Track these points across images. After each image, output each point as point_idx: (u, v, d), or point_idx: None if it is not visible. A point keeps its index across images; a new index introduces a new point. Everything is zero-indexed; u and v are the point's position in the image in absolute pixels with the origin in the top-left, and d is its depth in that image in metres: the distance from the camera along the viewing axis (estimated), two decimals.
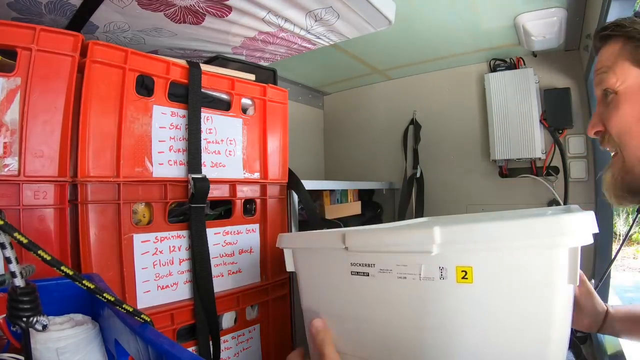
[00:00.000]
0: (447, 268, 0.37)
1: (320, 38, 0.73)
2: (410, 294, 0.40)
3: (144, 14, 0.59)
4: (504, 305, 0.36)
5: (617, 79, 0.48)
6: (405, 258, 0.40)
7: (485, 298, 0.36)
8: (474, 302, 0.36)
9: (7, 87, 0.46)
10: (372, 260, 0.42)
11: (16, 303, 0.30)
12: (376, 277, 0.42)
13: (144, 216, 0.59)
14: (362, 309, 0.44)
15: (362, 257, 0.43)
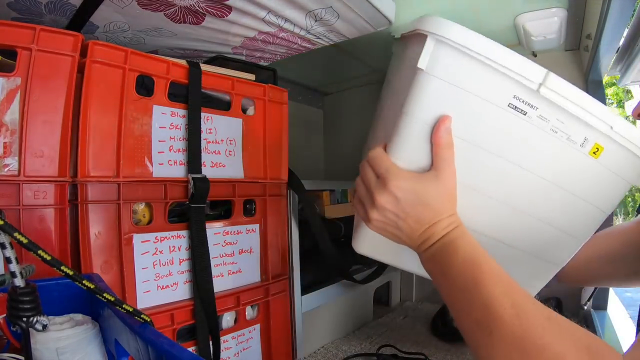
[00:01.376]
0: (590, 140, 0.47)
1: (320, 38, 0.73)
2: (549, 147, 0.46)
3: (144, 14, 0.59)
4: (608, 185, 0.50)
5: None
6: (570, 120, 0.46)
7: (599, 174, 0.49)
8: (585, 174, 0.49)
9: (7, 87, 0.46)
10: (538, 104, 0.44)
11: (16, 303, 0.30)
12: (531, 119, 0.45)
13: (144, 216, 0.59)
14: (499, 145, 0.46)
15: (533, 98, 0.44)
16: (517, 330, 0.35)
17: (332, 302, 0.97)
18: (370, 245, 0.57)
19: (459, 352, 0.88)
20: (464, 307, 0.40)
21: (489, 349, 0.36)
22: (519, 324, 0.35)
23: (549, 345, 0.34)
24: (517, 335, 0.35)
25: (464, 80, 0.43)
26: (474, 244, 0.43)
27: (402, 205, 0.44)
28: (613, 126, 0.46)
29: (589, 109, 0.45)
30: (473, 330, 0.38)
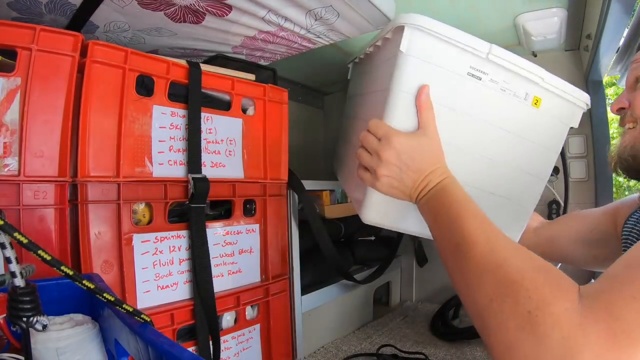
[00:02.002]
0: (530, 94, 0.60)
1: (320, 37, 0.73)
2: (502, 103, 0.59)
3: (144, 13, 0.59)
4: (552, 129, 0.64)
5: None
6: (512, 79, 0.59)
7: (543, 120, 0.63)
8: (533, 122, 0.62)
9: (7, 87, 0.46)
10: (488, 70, 0.57)
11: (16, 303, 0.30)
12: (485, 83, 0.57)
13: (144, 216, 0.59)
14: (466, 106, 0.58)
15: (484, 65, 0.57)
16: (487, 254, 0.42)
17: (332, 302, 0.97)
18: (377, 213, 0.62)
19: (459, 352, 0.88)
20: (447, 237, 0.48)
21: (464, 270, 0.44)
22: (490, 249, 0.42)
23: (512, 264, 0.40)
24: (487, 259, 0.42)
25: (433, 56, 0.55)
26: (462, 190, 0.52)
27: (403, 158, 0.53)
28: (544, 78, 0.60)
29: (525, 68, 0.58)
30: (453, 255, 0.46)
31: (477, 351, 0.88)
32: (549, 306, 0.37)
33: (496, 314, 0.39)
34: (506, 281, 0.40)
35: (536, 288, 0.38)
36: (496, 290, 0.40)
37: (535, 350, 0.35)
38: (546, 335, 0.35)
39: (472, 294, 0.43)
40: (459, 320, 1.09)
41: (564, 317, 0.36)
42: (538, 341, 0.35)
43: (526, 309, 0.37)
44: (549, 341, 0.35)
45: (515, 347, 0.37)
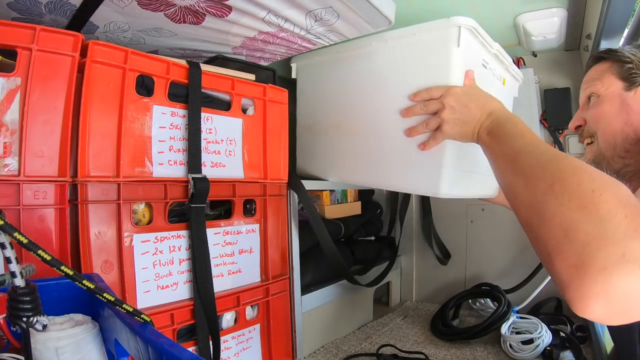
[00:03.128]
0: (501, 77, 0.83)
1: (320, 38, 0.73)
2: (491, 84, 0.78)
3: (144, 14, 0.59)
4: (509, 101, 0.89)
5: (602, 86, 0.64)
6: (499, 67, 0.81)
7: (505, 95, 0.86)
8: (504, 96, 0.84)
9: (7, 87, 0.46)
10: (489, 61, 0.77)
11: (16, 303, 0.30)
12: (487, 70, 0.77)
13: (144, 216, 0.59)
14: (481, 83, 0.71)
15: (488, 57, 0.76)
16: (549, 151, 0.45)
17: (332, 302, 0.97)
18: (451, 185, 0.71)
19: (459, 352, 0.88)
20: (508, 150, 0.51)
21: (525, 167, 0.45)
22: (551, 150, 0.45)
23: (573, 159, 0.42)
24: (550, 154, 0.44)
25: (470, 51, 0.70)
26: (516, 117, 0.58)
27: (463, 100, 0.64)
28: (510, 63, 0.82)
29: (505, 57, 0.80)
30: (513, 160, 0.48)
31: (477, 351, 0.88)
32: (612, 188, 0.36)
33: (556, 196, 0.38)
34: (569, 166, 0.40)
35: (599, 174, 0.38)
36: (558, 175, 0.39)
37: (598, 227, 0.34)
38: (610, 213, 0.34)
39: (531, 187, 0.42)
40: (459, 320, 1.09)
41: (627, 199, 0.35)
42: (601, 219, 0.34)
43: (590, 188, 0.36)
44: (613, 220, 0.33)
45: (576, 227, 0.35)
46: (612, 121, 0.62)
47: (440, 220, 1.28)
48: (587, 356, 0.80)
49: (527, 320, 0.92)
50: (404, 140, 0.73)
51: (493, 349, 0.89)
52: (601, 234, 0.33)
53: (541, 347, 0.82)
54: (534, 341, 0.83)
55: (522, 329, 0.90)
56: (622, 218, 0.33)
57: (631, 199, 0.35)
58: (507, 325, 0.90)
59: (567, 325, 0.95)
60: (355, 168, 0.84)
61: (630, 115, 0.61)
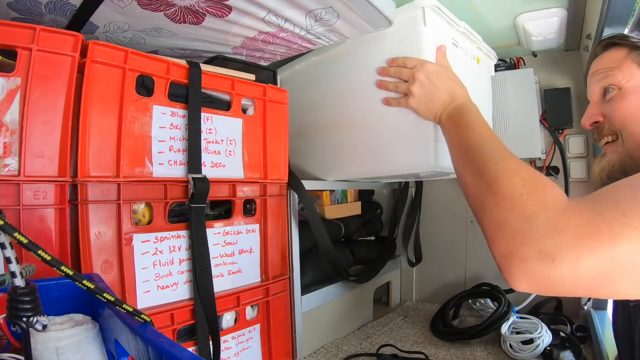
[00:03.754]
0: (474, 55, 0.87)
1: (320, 38, 0.73)
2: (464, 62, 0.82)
3: (144, 14, 0.59)
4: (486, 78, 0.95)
5: (623, 77, 0.56)
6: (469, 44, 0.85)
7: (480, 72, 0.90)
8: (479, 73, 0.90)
9: (7, 87, 0.46)
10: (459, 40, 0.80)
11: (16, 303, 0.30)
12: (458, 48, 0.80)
13: (144, 216, 0.59)
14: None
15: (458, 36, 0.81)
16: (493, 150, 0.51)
17: (332, 302, 0.97)
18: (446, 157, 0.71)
19: (459, 352, 0.88)
20: (462, 141, 0.56)
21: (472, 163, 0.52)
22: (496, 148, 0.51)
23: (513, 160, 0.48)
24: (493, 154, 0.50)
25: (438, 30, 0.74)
26: (478, 112, 0.61)
27: (434, 78, 0.66)
28: (480, 44, 0.85)
29: (474, 35, 0.83)
30: (464, 153, 0.54)
31: (477, 351, 0.88)
32: (539, 193, 0.42)
33: (493, 194, 0.45)
34: (506, 170, 0.46)
35: (531, 179, 0.44)
36: (496, 176, 0.46)
37: (522, 227, 0.40)
38: (534, 214, 0.40)
39: (475, 182, 0.50)
40: (459, 320, 1.09)
41: (552, 203, 0.40)
42: (526, 220, 0.40)
43: (518, 192, 0.43)
44: (536, 220, 0.39)
45: (505, 224, 0.42)
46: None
47: (440, 220, 1.28)
48: (587, 356, 0.80)
49: (527, 320, 0.92)
50: (396, 122, 0.76)
51: (493, 349, 0.89)
52: (524, 231, 0.40)
53: (541, 347, 0.82)
54: (534, 341, 0.83)
55: (522, 329, 0.90)
56: (543, 219, 0.39)
57: (557, 203, 0.40)
58: (507, 325, 0.90)
59: (567, 325, 0.95)
60: (355, 162, 0.85)
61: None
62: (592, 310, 0.98)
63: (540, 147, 1.12)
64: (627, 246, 0.35)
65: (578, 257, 0.36)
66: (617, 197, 0.38)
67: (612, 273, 0.36)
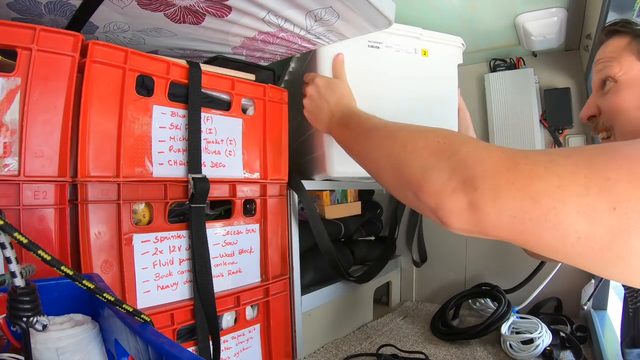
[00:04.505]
0: (418, 48, 0.82)
1: (320, 38, 0.73)
2: (399, 60, 0.80)
3: (144, 14, 0.59)
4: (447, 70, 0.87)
5: (620, 69, 0.54)
6: (402, 40, 0.80)
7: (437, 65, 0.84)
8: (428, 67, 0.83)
9: (7, 87, 0.46)
10: (382, 40, 0.78)
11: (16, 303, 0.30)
12: (381, 49, 0.78)
13: (144, 216, 0.59)
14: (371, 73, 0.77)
15: (377, 37, 0.77)
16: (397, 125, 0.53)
17: (332, 302, 0.97)
18: (340, 164, 0.76)
19: (459, 352, 0.88)
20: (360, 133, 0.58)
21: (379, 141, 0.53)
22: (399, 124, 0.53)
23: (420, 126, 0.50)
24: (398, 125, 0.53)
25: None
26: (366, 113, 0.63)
27: (322, 91, 0.69)
28: (421, 35, 0.81)
29: (405, 31, 0.80)
30: (364, 140, 0.56)
31: (477, 351, 0.88)
32: (454, 137, 0.45)
33: (411, 152, 0.47)
34: (415, 130, 0.49)
35: (442, 131, 0.47)
36: (408, 137, 0.48)
37: (444, 165, 0.42)
38: (455, 152, 0.42)
39: (388, 150, 0.51)
40: (459, 320, 1.09)
41: (471, 141, 0.42)
42: (448, 158, 0.42)
43: (435, 140, 0.45)
44: (457, 156, 0.41)
45: (428, 168, 0.43)
46: (633, 114, 0.53)
47: None
48: (587, 356, 0.80)
49: (527, 320, 0.92)
50: None
51: (493, 349, 0.89)
52: (449, 167, 0.41)
53: (541, 347, 0.82)
54: (534, 341, 0.83)
55: (522, 329, 0.90)
56: (464, 153, 0.41)
57: (476, 142, 0.42)
58: (507, 325, 0.90)
59: (567, 325, 0.95)
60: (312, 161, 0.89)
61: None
62: (592, 310, 0.98)
63: (541, 147, 1.12)
64: (548, 189, 0.34)
65: (497, 187, 0.36)
66: (551, 152, 0.37)
67: (533, 216, 0.34)
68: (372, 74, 0.77)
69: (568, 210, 0.33)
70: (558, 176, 0.34)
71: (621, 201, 0.31)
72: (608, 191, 0.32)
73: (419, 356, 0.85)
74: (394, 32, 0.78)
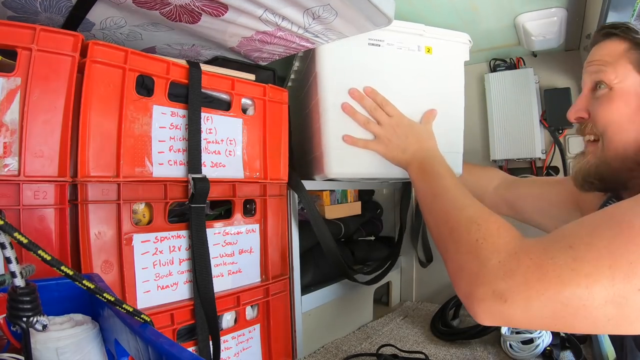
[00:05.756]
0: (421, 45, 0.80)
1: (318, 37, 0.73)
2: (401, 58, 0.79)
3: (140, 11, 0.59)
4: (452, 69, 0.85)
5: (616, 76, 0.52)
6: (402, 38, 0.79)
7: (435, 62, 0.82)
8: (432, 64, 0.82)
9: (7, 87, 0.46)
10: (382, 38, 0.77)
11: (16, 303, 0.30)
12: (382, 47, 0.77)
13: (144, 216, 0.59)
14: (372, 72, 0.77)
15: (378, 35, 0.76)
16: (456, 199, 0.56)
17: (332, 302, 0.97)
18: (340, 164, 0.77)
19: (459, 352, 0.88)
20: (429, 189, 0.63)
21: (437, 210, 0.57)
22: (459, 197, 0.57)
23: (472, 207, 0.53)
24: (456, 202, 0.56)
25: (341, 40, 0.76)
26: (445, 162, 0.69)
27: (402, 128, 0.75)
28: (425, 31, 0.80)
29: (407, 27, 0.79)
30: (431, 201, 0.60)
31: (477, 351, 0.88)
32: (493, 237, 0.45)
33: (454, 241, 0.49)
34: (465, 217, 0.51)
35: (486, 223, 0.48)
36: (457, 223, 0.51)
37: (477, 270, 0.44)
38: (487, 258, 0.43)
39: (439, 229, 0.54)
40: (459, 320, 1.09)
41: (504, 246, 0.43)
42: (480, 263, 0.44)
43: (474, 237, 0.47)
44: (489, 264, 0.43)
45: (463, 267, 0.46)
46: (625, 127, 0.51)
47: None
48: (587, 356, 0.80)
49: None
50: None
51: (493, 349, 0.89)
52: (480, 274, 0.43)
53: (541, 347, 0.82)
54: (534, 341, 0.83)
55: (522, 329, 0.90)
56: (495, 263, 0.42)
57: (509, 246, 0.43)
58: None
59: None
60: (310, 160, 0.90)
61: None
62: None
63: (540, 147, 1.12)
64: (576, 292, 0.37)
65: (527, 298, 0.39)
66: (571, 240, 0.40)
67: (564, 315, 0.38)
68: (373, 73, 0.76)
69: (597, 304, 0.36)
70: (585, 275, 0.37)
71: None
72: (631, 275, 0.35)
73: (419, 356, 0.85)
74: (396, 30, 0.76)
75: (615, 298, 0.35)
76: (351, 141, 0.76)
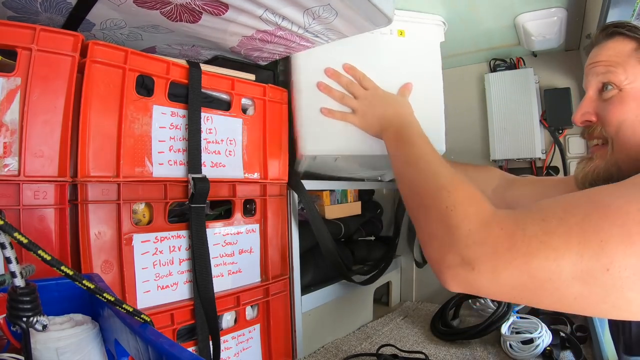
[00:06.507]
0: (393, 30, 0.82)
1: (318, 36, 0.73)
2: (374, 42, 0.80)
3: (140, 11, 0.59)
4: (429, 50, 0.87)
5: (626, 77, 0.50)
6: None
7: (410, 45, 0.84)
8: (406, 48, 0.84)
9: (7, 87, 0.46)
10: None
11: (16, 303, 0.30)
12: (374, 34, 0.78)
13: (144, 216, 0.59)
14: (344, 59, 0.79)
15: None
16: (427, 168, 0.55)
17: (332, 302, 0.97)
18: (315, 142, 0.77)
19: (459, 352, 0.88)
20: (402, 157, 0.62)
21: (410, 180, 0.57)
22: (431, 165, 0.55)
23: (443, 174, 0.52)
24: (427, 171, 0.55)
25: None
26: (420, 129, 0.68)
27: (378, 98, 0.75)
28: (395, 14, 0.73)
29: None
30: (404, 169, 0.60)
31: (477, 351, 0.88)
32: (463, 205, 0.45)
33: (425, 208, 0.49)
34: (435, 184, 0.50)
35: (456, 190, 0.47)
36: (427, 191, 0.50)
37: (447, 239, 0.43)
38: (456, 226, 0.43)
39: (411, 196, 0.54)
40: (459, 320, 1.09)
41: (474, 215, 0.43)
42: (450, 231, 0.43)
43: (444, 205, 0.46)
44: (458, 232, 0.42)
45: (433, 235, 0.46)
46: (638, 128, 0.49)
47: None
48: (587, 356, 0.80)
49: (527, 320, 0.91)
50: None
51: (493, 349, 0.89)
52: (450, 241, 0.43)
53: (541, 347, 0.82)
54: (534, 341, 0.82)
55: (522, 329, 0.90)
56: (465, 231, 0.42)
57: (479, 215, 0.43)
58: (507, 325, 0.90)
59: (567, 325, 0.95)
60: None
61: None
62: None
63: (540, 147, 1.12)
64: (544, 264, 0.36)
65: (495, 267, 0.39)
66: (545, 213, 0.39)
67: (531, 287, 0.38)
68: (345, 60, 0.77)
69: (564, 278, 0.36)
70: (554, 249, 0.36)
71: (614, 261, 0.34)
72: (601, 253, 0.34)
73: (419, 356, 0.85)
74: None
75: (582, 275, 0.35)
76: (328, 113, 0.76)
